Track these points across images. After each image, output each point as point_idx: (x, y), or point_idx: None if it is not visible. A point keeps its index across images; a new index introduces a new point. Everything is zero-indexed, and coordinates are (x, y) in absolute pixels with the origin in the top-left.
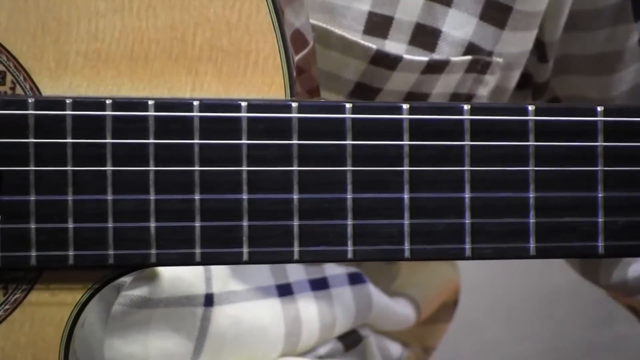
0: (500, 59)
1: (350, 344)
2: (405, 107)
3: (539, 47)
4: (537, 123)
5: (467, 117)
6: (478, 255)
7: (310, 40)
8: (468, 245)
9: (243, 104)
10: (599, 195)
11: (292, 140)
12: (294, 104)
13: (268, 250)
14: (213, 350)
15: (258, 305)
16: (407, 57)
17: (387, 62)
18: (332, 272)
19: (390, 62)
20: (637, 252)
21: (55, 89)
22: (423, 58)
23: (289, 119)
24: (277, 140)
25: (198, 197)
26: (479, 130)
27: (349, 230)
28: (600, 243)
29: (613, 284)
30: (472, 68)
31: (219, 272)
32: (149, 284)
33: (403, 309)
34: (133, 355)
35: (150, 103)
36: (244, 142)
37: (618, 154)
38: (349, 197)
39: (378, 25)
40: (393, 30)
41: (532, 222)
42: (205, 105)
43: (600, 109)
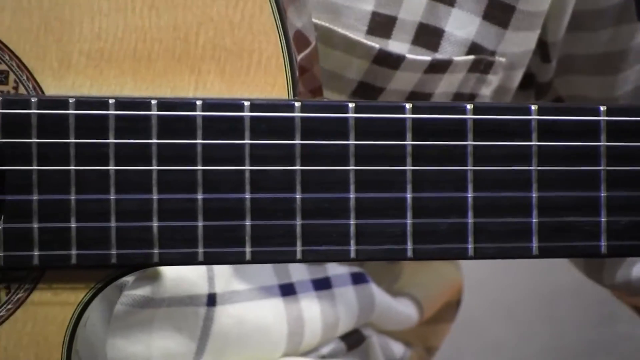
0: (503, 59)
1: (353, 344)
2: (408, 106)
3: (542, 47)
4: (539, 123)
5: (469, 116)
6: (481, 255)
7: (313, 40)
8: (471, 245)
9: (246, 104)
10: (602, 195)
11: (294, 140)
12: (297, 104)
13: (271, 250)
14: (216, 350)
15: (261, 305)
16: (410, 56)
17: (390, 61)
18: (334, 271)
19: (393, 61)
20: (639, 252)
21: (58, 89)
22: (426, 58)
23: (292, 119)
24: (279, 140)
25: (201, 196)
26: (482, 130)
27: (352, 230)
28: (603, 243)
29: (617, 284)
30: (475, 68)
31: (222, 271)
32: (152, 284)
33: (406, 309)
34: (136, 355)
35: (153, 102)
36: (247, 141)
37: (621, 154)
38: (352, 196)
39: (381, 26)
40: (396, 30)
41: (534, 221)
42: (208, 105)
43: (603, 109)
